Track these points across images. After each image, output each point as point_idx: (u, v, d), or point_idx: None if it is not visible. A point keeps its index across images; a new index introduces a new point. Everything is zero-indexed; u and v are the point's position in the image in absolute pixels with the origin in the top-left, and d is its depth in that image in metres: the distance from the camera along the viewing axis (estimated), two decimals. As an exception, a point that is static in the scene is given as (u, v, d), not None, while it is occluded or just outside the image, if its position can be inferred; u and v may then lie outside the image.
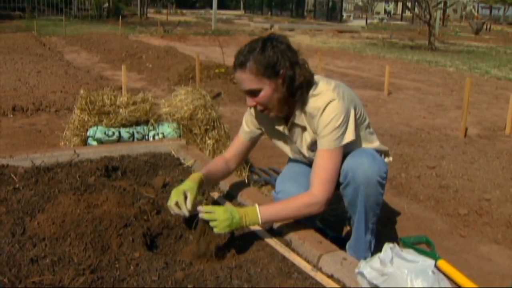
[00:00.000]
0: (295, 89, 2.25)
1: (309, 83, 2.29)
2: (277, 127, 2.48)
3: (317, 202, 2.20)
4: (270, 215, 2.19)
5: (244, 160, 3.91)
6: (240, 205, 2.62)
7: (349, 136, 2.26)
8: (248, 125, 2.57)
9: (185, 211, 2.18)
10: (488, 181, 4.21)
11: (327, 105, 2.22)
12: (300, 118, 2.37)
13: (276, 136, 2.57)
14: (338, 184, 2.35)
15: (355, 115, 2.33)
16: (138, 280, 1.86)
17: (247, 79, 2.22)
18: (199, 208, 2.12)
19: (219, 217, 2.07)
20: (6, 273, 1.83)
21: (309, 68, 2.31)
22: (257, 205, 2.20)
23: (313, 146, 2.37)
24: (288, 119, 2.42)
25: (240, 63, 2.21)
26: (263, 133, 2.60)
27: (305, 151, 2.47)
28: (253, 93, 2.26)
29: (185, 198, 2.22)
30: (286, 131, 2.47)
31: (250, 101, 2.30)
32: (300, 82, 2.24)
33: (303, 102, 2.31)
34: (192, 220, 2.22)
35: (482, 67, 12.92)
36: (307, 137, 2.41)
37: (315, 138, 2.32)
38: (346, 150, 2.34)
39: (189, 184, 2.28)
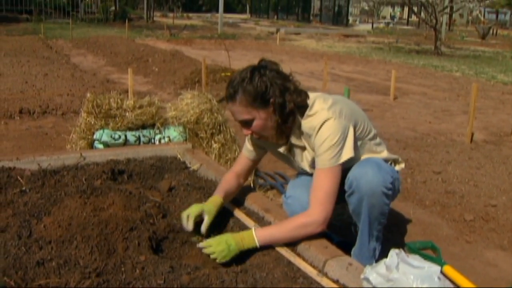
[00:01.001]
0: (286, 115, 2.26)
1: (302, 108, 2.29)
2: (278, 149, 2.50)
3: (314, 222, 2.18)
4: (266, 237, 2.18)
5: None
6: (245, 209, 2.62)
7: (347, 154, 2.24)
8: (251, 144, 2.58)
9: (188, 227, 2.26)
10: (494, 186, 4.20)
11: (322, 124, 2.22)
12: (298, 139, 2.39)
13: (279, 156, 2.59)
14: (340, 197, 2.35)
15: (355, 131, 2.32)
16: (144, 284, 1.86)
17: (238, 111, 2.25)
18: (199, 245, 2.16)
19: (215, 250, 2.10)
20: (13, 275, 1.83)
21: (302, 91, 2.31)
22: (252, 229, 2.21)
23: (314, 165, 2.37)
24: (287, 140, 2.43)
25: (230, 96, 2.25)
26: (266, 151, 2.61)
27: (307, 169, 2.48)
28: (247, 123, 2.28)
29: (200, 216, 2.29)
30: (286, 152, 2.48)
31: (245, 130, 2.33)
32: (291, 108, 2.25)
33: (299, 124, 2.32)
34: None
35: (489, 72, 12.89)
36: (308, 156, 2.43)
37: (314, 156, 2.33)
38: (349, 164, 2.34)
39: (210, 207, 2.32)
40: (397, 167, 2.64)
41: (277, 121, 2.25)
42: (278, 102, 2.21)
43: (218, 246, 2.11)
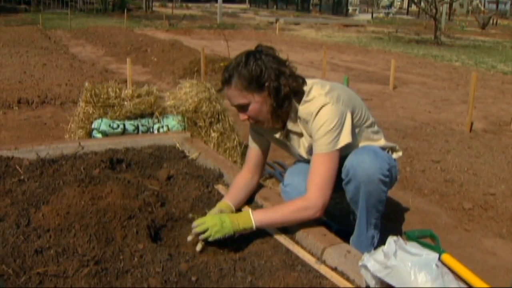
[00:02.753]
0: (281, 99, 2.25)
1: (297, 92, 2.28)
2: (274, 135, 2.49)
3: (312, 206, 2.18)
4: (263, 218, 2.17)
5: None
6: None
7: (344, 140, 2.23)
8: (253, 135, 2.57)
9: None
10: (493, 175, 4.20)
11: (319, 109, 2.22)
12: (294, 125, 2.38)
13: (277, 143, 2.58)
14: (338, 185, 2.35)
15: (353, 117, 2.32)
16: (142, 272, 1.87)
17: (233, 95, 2.24)
18: (193, 225, 2.14)
19: (208, 224, 2.09)
20: (11, 264, 1.84)
21: (298, 76, 2.30)
22: (250, 209, 2.22)
23: (311, 151, 2.37)
24: (283, 127, 2.42)
25: (225, 80, 2.24)
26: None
27: (304, 155, 2.48)
28: (242, 107, 2.27)
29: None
30: (283, 138, 2.48)
31: (241, 115, 2.31)
32: (286, 92, 2.23)
33: (296, 110, 2.31)
34: None
35: (488, 62, 12.86)
36: (305, 142, 2.42)
37: (311, 142, 2.32)
38: (347, 151, 2.34)
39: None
40: (395, 155, 2.63)
41: (272, 105, 2.24)
42: (273, 86, 2.20)
43: (210, 221, 2.10)
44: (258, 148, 2.57)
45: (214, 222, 2.09)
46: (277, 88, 2.21)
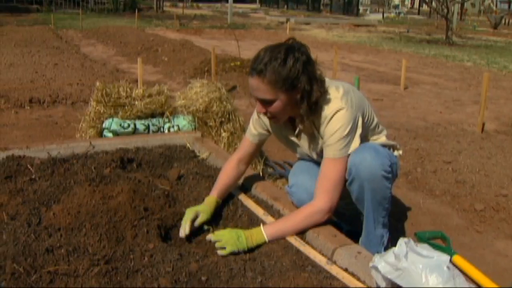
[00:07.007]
0: (311, 104, 2.21)
1: (324, 97, 2.26)
2: (284, 132, 2.49)
3: (320, 211, 2.21)
4: (275, 231, 2.21)
5: (259, 153, 3.92)
6: (254, 198, 2.63)
7: (356, 146, 2.25)
8: (256, 127, 2.56)
9: (182, 232, 2.22)
10: (505, 176, 4.16)
11: (334, 114, 2.21)
12: (308, 126, 2.36)
13: (284, 140, 2.57)
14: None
15: (364, 122, 2.32)
16: (152, 271, 1.87)
17: (262, 88, 2.18)
18: (208, 237, 2.18)
19: (224, 237, 2.12)
20: (22, 262, 1.85)
21: (324, 78, 2.28)
22: (261, 225, 2.23)
23: (321, 153, 2.36)
24: (296, 125, 2.41)
25: (258, 71, 2.15)
26: (270, 134, 2.59)
27: (314, 156, 2.48)
28: (266, 102, 2.23)
29: (196, 217, 2.30)
30: (294, 138, 2.47)
31: (260, 107, 2.28)
32: (316, 97, 2.20)
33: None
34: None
35: (501, 62, 12.76)
36: (315, 144, 2.41)
37: (323, 145, 2.32)
38: None
39: (204, 207, 2.37)
40: (395, 153, 2.61)
41: (299, 106, 2.21)
42: (306, 89, 2.16)
43: (227, 234, 2.14)
44: (256, 141, 2.58)
45: (230, 236, 2.13)
46: (309, 92, 2.18)
